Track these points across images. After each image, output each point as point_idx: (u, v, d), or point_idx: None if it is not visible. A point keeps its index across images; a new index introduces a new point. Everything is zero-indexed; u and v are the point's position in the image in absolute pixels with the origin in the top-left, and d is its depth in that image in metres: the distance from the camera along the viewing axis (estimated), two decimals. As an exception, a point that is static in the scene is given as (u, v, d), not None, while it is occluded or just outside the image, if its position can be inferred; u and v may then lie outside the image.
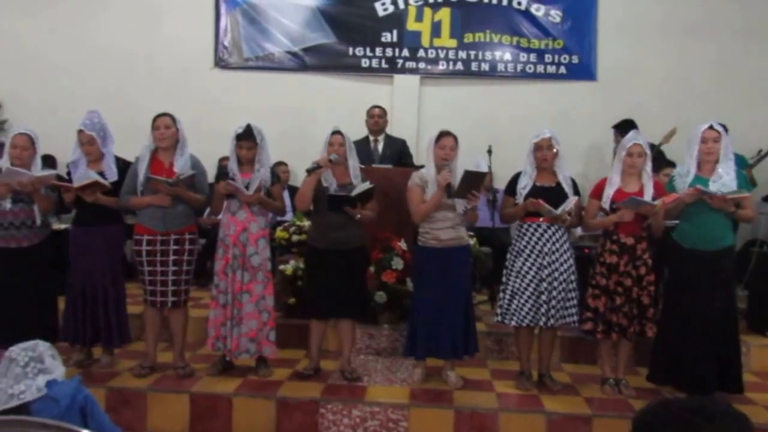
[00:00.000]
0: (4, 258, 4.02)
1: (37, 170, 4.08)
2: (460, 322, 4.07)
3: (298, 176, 5.87)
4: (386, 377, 4.32)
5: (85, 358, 4.28)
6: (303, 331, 4.38)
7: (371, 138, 5.92)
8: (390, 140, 5.94)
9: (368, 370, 4.41)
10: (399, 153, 5.85)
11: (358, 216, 4.04)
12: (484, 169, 4.01)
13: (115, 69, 7.03)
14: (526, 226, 4.09)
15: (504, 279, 4.15)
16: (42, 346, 2.52)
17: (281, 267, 4.86)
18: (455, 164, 3.99)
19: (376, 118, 5.93)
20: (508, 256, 4.17)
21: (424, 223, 4.08)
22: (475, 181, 3.91)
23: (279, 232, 5.11)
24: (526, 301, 4.04)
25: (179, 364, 4.21)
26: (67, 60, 7.06)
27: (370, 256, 4.52)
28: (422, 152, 6.33)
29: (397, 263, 4.77)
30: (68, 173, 4.17)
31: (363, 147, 5.72)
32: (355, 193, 4.00)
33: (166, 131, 4.06)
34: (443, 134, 4.06)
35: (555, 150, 4.07)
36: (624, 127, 5.80)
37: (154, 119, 4.10)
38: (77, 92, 6.73)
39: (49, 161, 5.76)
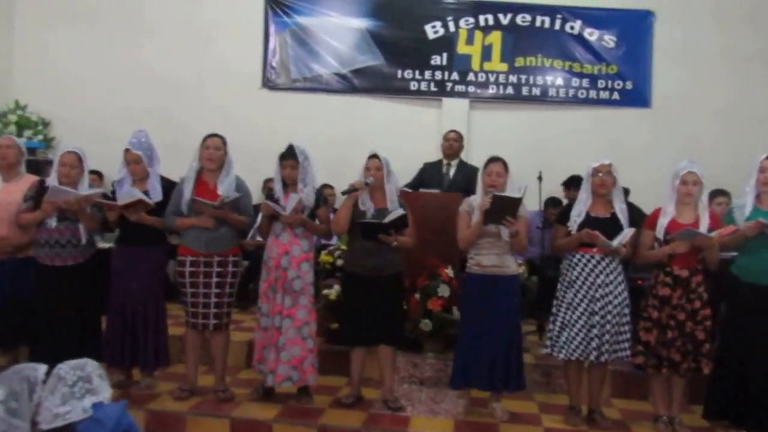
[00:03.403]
0: (50, 276, 4.04)
1: (84, 188, 4.11)
2: (502, 354, 3.94)
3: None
4: (430, 408, 4.20)
5: (125, 380, 4.26)
6: (345, 357, 4.29)
7: (444, 162, 5.86)
8: (463, 166, 5.83)
9: (411, 400, 4.31)
10: (469, 180, 5.74)
11: (395, 243, 3.97)
12: (518, 194, 3.88)
13: (163, 89, 7.12)
14: (578, 256, 3.96)
15: (554, 310, 4.04)
16: (91, 366, 2.48)
17: (325, 291, 4.78)
18: (505, 190, 3.91)
19: (451, 142, 5.87)
20: (559, 286, 4.06)
21: (471, 250, 4.02)
22: (507, 206, 3.81)
23: (323, 256, 5.04)
24: (577, 333, 3.92)
25: (220, 388, 4.16)
26: (115, 80, 7.19)
27: (407, 282, 4.42)
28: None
29: (444, 290, 4.65)
30: (113, 192, 4.18)
31: (436, 170, 5.75)
32: (387, 220, 3.92)
33: (216, 152, 4.05)
34: (491, 160, 4.02)
35: (613, 177, 3.97)
36: (570, 184, 5.73)
37: (205, 139, 4.09)
38: (124, 112, 6.84)
39: (96, 175, 5.83)
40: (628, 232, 3.86)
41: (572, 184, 5.73)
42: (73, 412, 2.34)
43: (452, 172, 5.82)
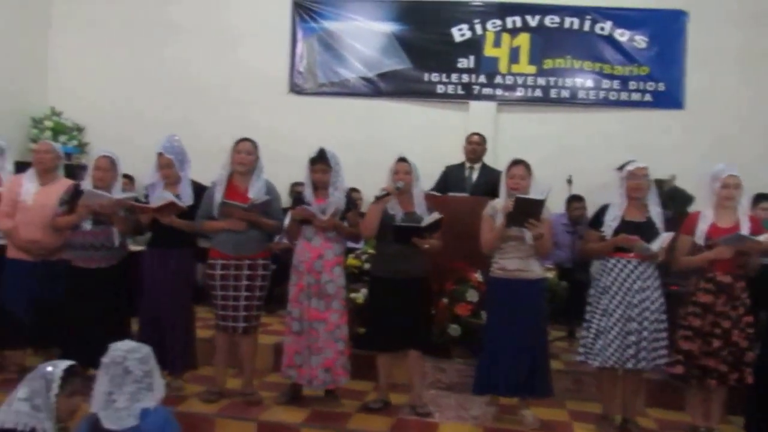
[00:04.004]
0: (83, 278, 4.09)
1: (117, 192, 4.17)
2: (525, 359, 3.87)
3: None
4: (458, 414, 4.15)
5: (155, 381, 4.29)
6: (372, 362, 4.26)
7: (467, 165, 5.78)
8: (486, 170, 5.75)
9: (439, 406, 4.25)
10: (493, 183, 5.68)
11: (426, 246, 3.94)
12: (541, 196, 3.83)
13: (192, 94, 7.25)
14: (613, 261, 3.87)
15: (588, 317, 3.96)
16: (153, 359, 2.51)
17: (352, 295, 4.75)
18: (528, 193, 3.87)
19: (475, 146, 5.78)
20: (592, 292, 3.97)
21: (495, 254, 3.97)
22: (530, 208, 3.76)
23: (350, 260, 5.02)
24: (612, 341, 3.82)
25: (247, 391, 4.16)
26: (145, 86, 7.34)
27: (433, 286, 4.38)
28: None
29: (472, 295, 4.60)
30: (146, 195, 4.23)
31: (458, 173, 5.67)
32: (424, 224, 3.92)
33: (248, 157, 4.07)
34: (514, 163, 3.98)
35: (649, 181, 3.89)
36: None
37: (237, 143, 4.10)
38: (155, 117, 6.96)
39: (127, 179, 5.90)
40: (666, 237, 3.77)
41: None
42: (128, 420, 2.38)
43: (475, 175, 5.74)
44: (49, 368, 2.44)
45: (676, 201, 3.99)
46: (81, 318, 4.04)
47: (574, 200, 6.00)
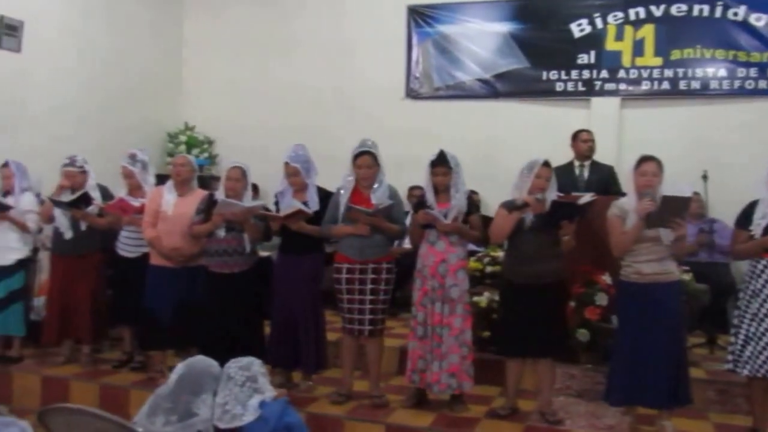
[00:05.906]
0: (218, 282, 4.32)
1: (248, 201, 4.37)
2: (667, 367, 3.64)
3: (490, 205, 5.71)
4: (590, 422, 3.99)
5: (285, 382, 4.44)
6: (498, 366, 4.20)
7: (577, 163, 5.60)
8: (596, 166, 5.58)
9: (570, 414, 4.11)
10: (606, 180, 5.47)
11: (566, 237, 3.81)
12: (686, 194, 3.59)
13: (312, 104, 7.47)
14: (764, 263, 3.60)
15: (736, 322, 3.69)
16: (256, 366, 2.65)
17: (475, 299, 4.70)
18: (659, 191, 3.63)
19: (590, 143, 5.60)
20: (741, 296, 3.71)
21: (627, 256, 3.76)
22: (676, 207, 3.54)
23: (472, 263, 4.98)
24: (764, 348, 3.54)
25: (374, 394, 4.21)
26: (268, 99, 7.66)
27: (569, 290, 4.23)
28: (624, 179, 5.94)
29: (602, 299, 4.42)
30: (275, 203, 4.41)
31: (567, 173, 5.46)
32: (582, 201, 3.81)
33: (368, 171, 4.12)
34: (644, 159, 3.74)
35: None
36: None
37: (356, 157, 4.13)
38: (278, 127, 7.22)
39: (253, 188, 6.18)
40: None
41: None
42: (247, 414, 2.49)
43: (587, 173, 5.53)
44: (214, 368, 2.59)
45: None
46: (218, 320, 4.26)
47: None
